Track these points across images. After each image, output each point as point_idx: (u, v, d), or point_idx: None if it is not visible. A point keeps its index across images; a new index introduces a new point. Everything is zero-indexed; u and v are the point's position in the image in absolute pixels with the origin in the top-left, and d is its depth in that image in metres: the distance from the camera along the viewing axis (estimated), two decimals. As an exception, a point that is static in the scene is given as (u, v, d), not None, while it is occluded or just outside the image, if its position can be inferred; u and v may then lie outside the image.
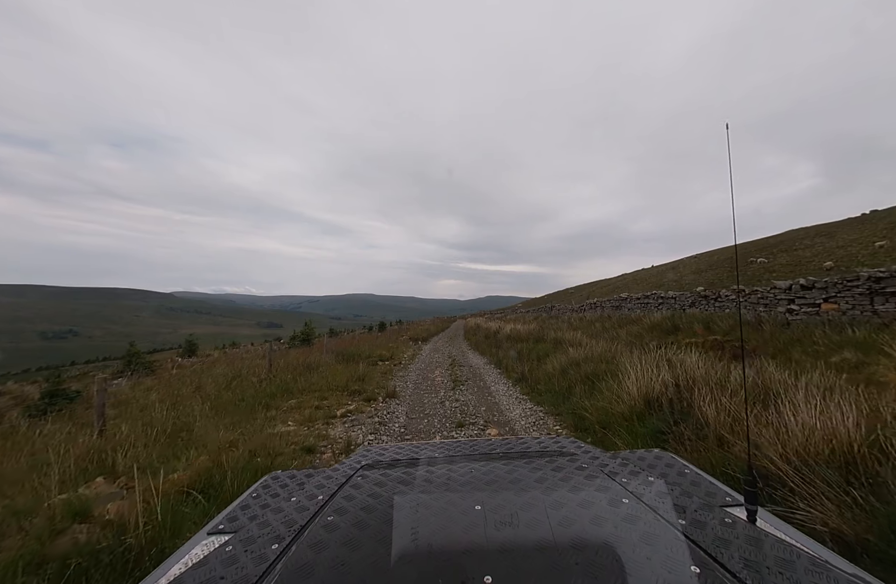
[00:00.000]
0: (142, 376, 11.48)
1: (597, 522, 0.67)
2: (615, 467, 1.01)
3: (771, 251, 21.94)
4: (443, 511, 0.72)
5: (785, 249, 21.27)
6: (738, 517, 0.75)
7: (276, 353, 9.60)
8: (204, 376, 8.08)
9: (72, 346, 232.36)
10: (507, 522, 0.67)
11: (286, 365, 8.36)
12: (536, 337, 10.03)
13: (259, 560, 0.65)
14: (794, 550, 0.61)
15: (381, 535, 0.66)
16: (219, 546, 0.72)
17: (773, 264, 18.26)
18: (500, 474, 0.91)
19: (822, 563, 0.59)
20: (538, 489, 0.82)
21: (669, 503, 0.77)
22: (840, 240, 16.89)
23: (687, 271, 28.31)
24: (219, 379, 7.29)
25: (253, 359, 10.81)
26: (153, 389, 7.54)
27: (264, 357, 8.46)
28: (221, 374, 7.86)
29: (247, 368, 8.36)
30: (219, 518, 0.96)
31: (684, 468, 1.14)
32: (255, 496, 1.07)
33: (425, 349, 14.31)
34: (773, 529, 0.80)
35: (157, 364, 14.13)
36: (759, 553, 0.61)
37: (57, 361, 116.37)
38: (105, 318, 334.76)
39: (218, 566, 0.65)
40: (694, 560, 0.57)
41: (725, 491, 0.99)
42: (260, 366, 8.32)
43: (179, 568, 0.74)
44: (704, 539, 0.65)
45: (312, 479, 1.08)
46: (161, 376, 10.50)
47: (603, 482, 0.86)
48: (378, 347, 12.73)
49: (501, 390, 6.86)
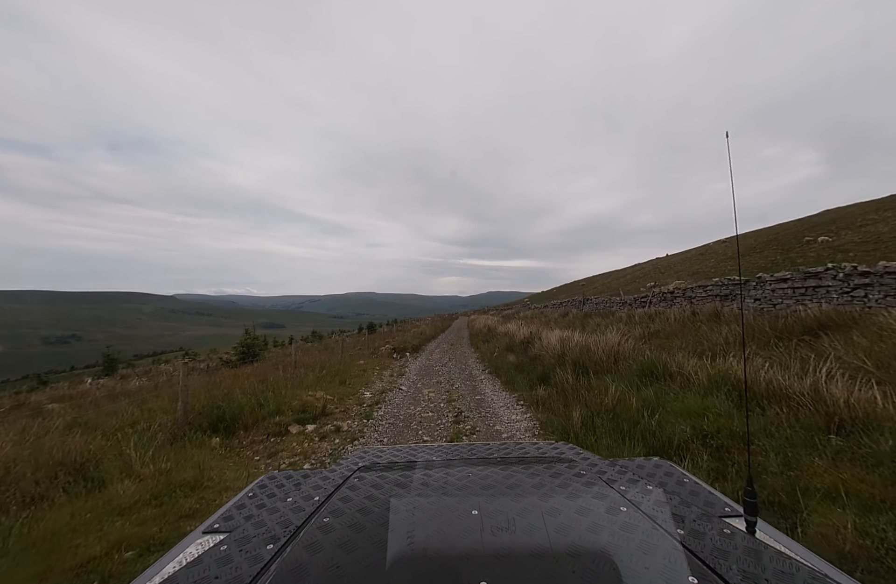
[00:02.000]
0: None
1: (594, 529, 0.66)
2: (613, 474, 0.98)
3: (828, 229, 19.15)
4: (439, 515, 0.71)
5: (846, 225, 18.50)
6: (738, 528, 0.73)
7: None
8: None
9: (74, 350, 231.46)
10: (504, 527, 0.66)
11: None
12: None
13: (253, 561, 0.64)
14: (794, 563, 0.61)
15: (376, 538, 0.65)
16: (213, 545, 0.72)
17: (841, 243, 15.41)
18: (497, 479, 0.90)
19: (821, 577, 0.58)
20: (535, 494, 0.80)
21: (668, 513, 0.75)
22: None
23: (722, 257, 25.47)
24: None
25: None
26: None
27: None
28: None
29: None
30: (214, 517, 0.95)
31: (683, 477, 1.12)
32: (251, 495, 1.06)
33: (410, 372, 9.30)
34: (773, 541, 0.79)
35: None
36: (757, 565, 0.60)
37: (59, 366, 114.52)
38: (107, 322, 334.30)
39: (212, 565, 0.64)
40: (692, 571, 0.56)
41: (725, 501, 0.97)
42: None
43: (173, 567, 0.75)
44: (703, 550, 0.64)
45: (309, 480, 1.06)
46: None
47: (601, 490, 0.84)
48: (327, 375, 7.76)
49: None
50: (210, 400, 5.35)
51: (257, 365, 10.04)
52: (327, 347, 15.96)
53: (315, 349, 15.84)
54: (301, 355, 11.22)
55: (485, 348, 12.89)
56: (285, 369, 8.29)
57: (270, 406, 5.22)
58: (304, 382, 7.10)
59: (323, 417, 5.30)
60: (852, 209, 24.68)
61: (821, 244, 16.71)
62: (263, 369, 8.78)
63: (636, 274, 38.52)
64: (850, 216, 20.62)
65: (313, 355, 12.08)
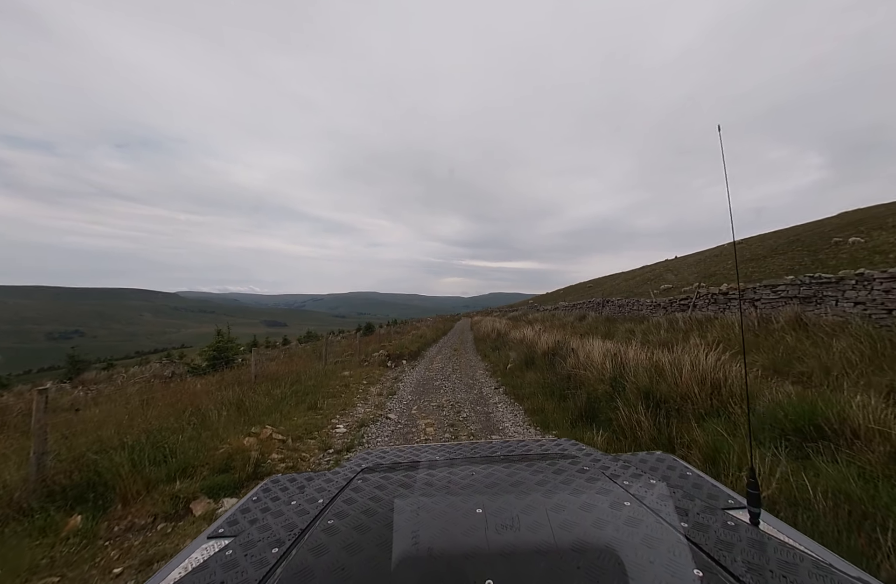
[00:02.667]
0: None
1: (599, 525, 0.66)
2: (617, 469, 0.98)
3: (856, 230, 17.51)
4: (444, 515, 0.70)
5: (877, 226, 17.00)
6: (741, 519, 0.72)
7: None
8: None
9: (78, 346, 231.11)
10: (509, 525, 0.66)
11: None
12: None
13: (259, 565, 0.64)
14: (798, 553, 0.60)
15: (381, 539, 0.64)
16: (219, 550, 0.71)
17: (876, 244, 13.80)
18: (501, 476, 0.90)
19: (825, 566, 0.57)
20: (539, 491, 0.80)
21: (671, 506, 0.75)
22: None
23: (740, 259, 23.41)
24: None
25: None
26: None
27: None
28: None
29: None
30: (219, 522, 0.94)
31: (686, 471, 1.11)
32: (255, 499, 1.05)
33: (404, 389, 7.44)
34: (777, 532, 0.79)
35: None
36: (762, 556, 0.59)
37: (60, 362, 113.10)
38: (110, 318, 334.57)
39: (218, 570, 0.63)
40: (697, 564, 0.56)
41: (728, 494, 0.96)
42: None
43: (179, 572, 0.74)
44: (707, 542, 0.63)
45: (313, 482, 1.06)
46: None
47: (604, 485, 0.84)
48: (294, 395, 6.03)
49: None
50: (94, 444, 3.51)
51: (218, 377, 8.17)
52: (316, 350, 14.07)
53: (301, 353, 13.95)
54: (277, 364, 9.35)
55: (494, 357, 11.01)
56: (242, 385, 6.43)
57: (176, 460, 3.35)
58: (256, 407, 5.22)
59: (255, 479, 3.36)
60: (877, 210, 22.88)
61: (853, 245, 15.13)
62: (222, 383, 6.93)
63: (646, 276, 36.36)
64: (878, 217, 18.85)
65: (293, 362, 10.20)
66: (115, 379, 12.74)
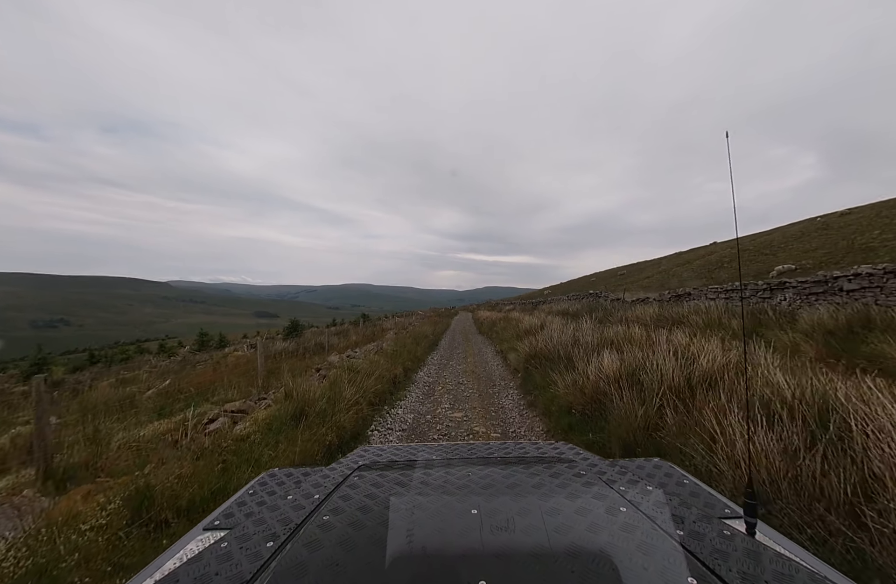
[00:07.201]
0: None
1: (593, 530, 0.65)
2: (613, 474, 0.97)
3: (892, 222, 16.48)
4: (439, 514, 0.69)
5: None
6: (737, 529, 0.72)
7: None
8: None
9: (62, 335, 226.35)
10: (503, 527, 0.65)
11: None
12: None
13: (254, 558, 0.64)
14: (793, 564, 0.60)
15: (376, 536, 0.64)
16: (214, 542, 0.71)
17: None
18: (497, 478, 0.89)
19: (821, 578, 0.57)
20: (535, 494, 0.79)
21: (667, 513, 0.74)
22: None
23: (756, 253, 22.20)
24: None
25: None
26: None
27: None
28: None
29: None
30: (215, 514, 0.93)
31: (683, 478, 1.10)
32: (251, 492, 1.04)
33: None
34: (773, 542, 0.77)
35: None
36: (757, 567, 0.59)
37: (46, 351, 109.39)
38: (98, 306, 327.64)
39: (212, 561, 0.63)
40: (691, 572, 0.56)
41: (724, 503, 0.96)
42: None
43: (174, 563, 0.73)
44: (702, 551, 0.63)
45: (309, 477, 1.06)
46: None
47: (601, 490, 0.83)
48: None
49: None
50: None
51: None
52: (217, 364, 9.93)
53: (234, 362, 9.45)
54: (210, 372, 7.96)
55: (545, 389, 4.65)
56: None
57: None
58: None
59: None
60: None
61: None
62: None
63: (652, 273, 35.27)
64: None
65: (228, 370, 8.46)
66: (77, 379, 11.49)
